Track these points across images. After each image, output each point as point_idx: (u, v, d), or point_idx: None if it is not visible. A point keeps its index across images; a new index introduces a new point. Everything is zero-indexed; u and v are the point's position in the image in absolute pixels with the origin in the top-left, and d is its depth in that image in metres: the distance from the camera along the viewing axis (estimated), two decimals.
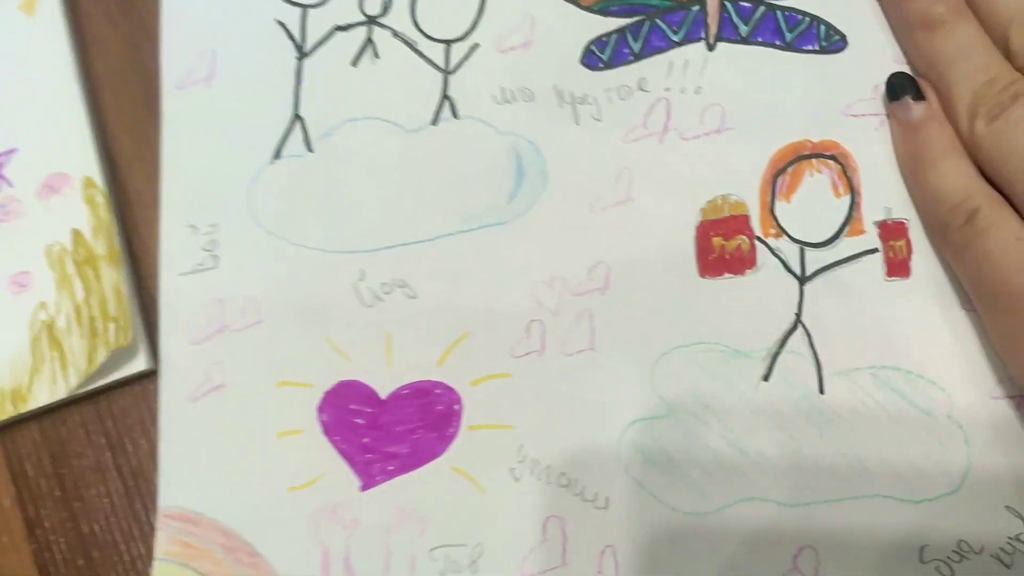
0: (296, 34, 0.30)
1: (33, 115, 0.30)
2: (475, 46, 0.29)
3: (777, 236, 0.27)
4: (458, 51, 0.29)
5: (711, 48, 0.28)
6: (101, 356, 0.28)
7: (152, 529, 0.28)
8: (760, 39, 0.28)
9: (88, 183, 0.29)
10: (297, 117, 0.29)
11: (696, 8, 0.29)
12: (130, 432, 0.28)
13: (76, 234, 0.29)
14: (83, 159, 0.29)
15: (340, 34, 0.29)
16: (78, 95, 0.30)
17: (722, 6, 0.28)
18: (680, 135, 0.28)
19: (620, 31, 0.29)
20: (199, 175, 0.29)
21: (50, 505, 0.28)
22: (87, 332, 0.28)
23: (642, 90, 0.28)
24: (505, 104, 0.28)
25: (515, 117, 0.28)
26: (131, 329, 0.28)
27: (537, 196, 0.28)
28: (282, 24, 0.30)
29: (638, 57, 0.28)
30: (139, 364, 0.28)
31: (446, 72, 0.29)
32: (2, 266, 0.29)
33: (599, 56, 0.29)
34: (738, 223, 0.27)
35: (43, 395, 0.28)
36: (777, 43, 0.28)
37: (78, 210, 0.29)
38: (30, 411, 0.28)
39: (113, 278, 0.28)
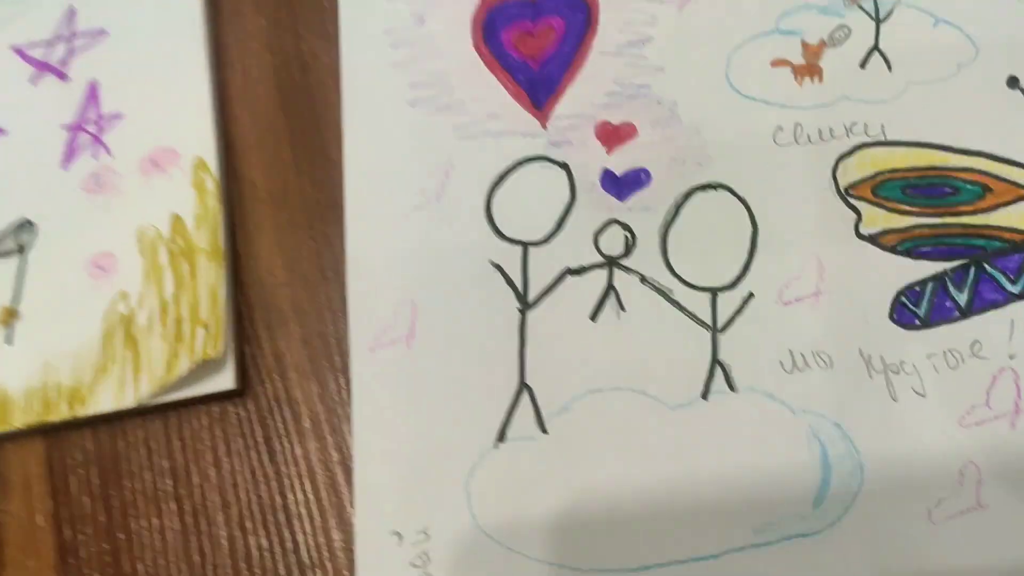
0: (517, 279, 0.24)
1: (149, 79, 0.26)
2: (749, 296, 0.24)
3: None
4: (728, 302, 0.23)
5: None
6: (183, 365, 0.25)
7: None
8: None
9: (200, 165, 0.26)
10: (524, 386, 0.24)
11: None
12: (199, 460, 0.25)
13: (176, 220, 0.25)
14: (198, 137, 0.26)
15: (572, 279, 0.24)
16: (203, 65, 0.26)
17: None
18: None
19: (937, 278, 0.23)
20: (404, 470, 0.23)
21: (90, 531, 0.24)
22: (170, 335, 0.25)
23: (977, 356, 0.22)
24: (796, 372, 0.23)
25: (811, 390, 0.23)
26: (223, 339, 0.24)
27: (852, 498, 0.22)
28: (498, 267, 0.24)
29: (966, 313, 0.23)
30: (225, 382, 0.24)
31: (714, 330, 0.23)
32: (85, 244, 0.25)
33: (913, 310, 0.23)
34: None
35: (106, 400, 0.25)
36: None
37: (183, 194, 0.26)
38: (87, 416, 0.24)
39: (211, 277, 0.25)
